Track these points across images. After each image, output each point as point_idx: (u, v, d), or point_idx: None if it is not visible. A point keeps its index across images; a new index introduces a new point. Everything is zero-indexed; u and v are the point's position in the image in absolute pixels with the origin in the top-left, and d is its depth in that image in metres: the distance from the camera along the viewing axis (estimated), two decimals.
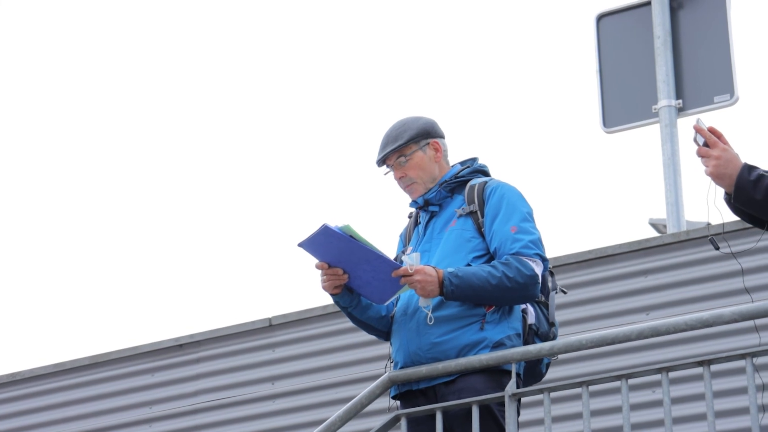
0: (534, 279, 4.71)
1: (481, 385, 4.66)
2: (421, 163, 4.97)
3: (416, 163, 4.97)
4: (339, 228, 4.62)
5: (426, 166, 4.98)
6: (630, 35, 8.84)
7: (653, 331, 4.60)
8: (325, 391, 7.56)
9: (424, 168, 4.97)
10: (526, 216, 4.83)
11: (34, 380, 8.59)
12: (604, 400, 6.28)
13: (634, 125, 8.67)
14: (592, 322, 6.88)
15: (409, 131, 4.97)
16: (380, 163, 5.01)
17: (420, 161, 4.97)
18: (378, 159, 5.00)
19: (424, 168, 4.97)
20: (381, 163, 5.00)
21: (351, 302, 4.87)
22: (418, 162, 4.97)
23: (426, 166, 4.98)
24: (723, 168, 4.14)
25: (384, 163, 5.00)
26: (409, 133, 4.96)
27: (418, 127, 4.98)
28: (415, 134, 4.97)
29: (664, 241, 6.91)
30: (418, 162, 4.97)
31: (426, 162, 4.98)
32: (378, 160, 5.00)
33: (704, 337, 6.46)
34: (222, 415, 7.88)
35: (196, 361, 8.07)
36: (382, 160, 4.99)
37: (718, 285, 6.64)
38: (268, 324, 7.88)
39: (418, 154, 4.98)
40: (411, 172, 4.96)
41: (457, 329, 4.73)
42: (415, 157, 4.97)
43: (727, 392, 6.26)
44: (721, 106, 8.38)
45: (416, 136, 4.97)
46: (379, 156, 4.99)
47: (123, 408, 8.23)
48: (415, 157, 4.97)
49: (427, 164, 4.98)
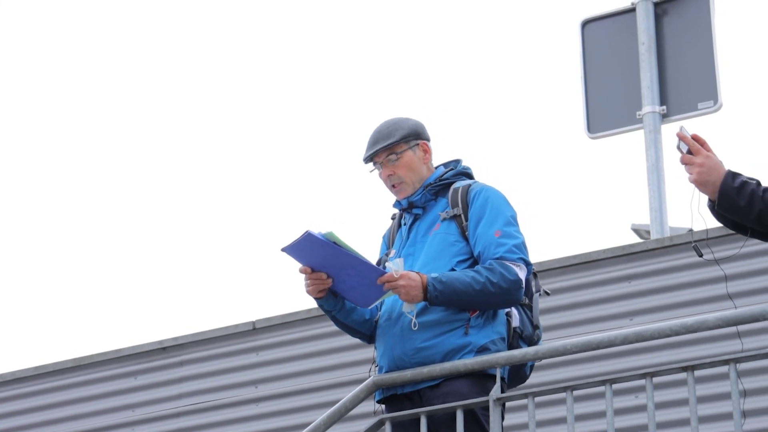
0: (518, 284, 4.71)
1: (466, 390, 4.66)
2: (410, 163, 4.96)
3: (406, 163, 4.95)
4: (322, 234, 4.60)
5: (415, 166, 4.96)
6: (614, 41, 8.85)
7: (638, 336, 4.62)
8: (310, 394, 7.56)
9: (413, 168, 4.96)
10: (510, 220, 4.83)
11: (16, 383, 8.56)
12: (589, 405, 6.28)
13: (618, 131, 8.68)
14: (576, 327, 6.89)
15: (401, 130, 4.95)
16: (368, 160, 4.97)
17: (410, 161, 4.96)
18: (366, 156, 4.96)
19: (413, 168, 4.96)
20: (369, 160, 4.98)
21: (335, 306, 4.86)
22: (408, 161, 4.96)
23: (415, 167, 4.96)
24: (706, 175, 4.16)
25: (372, 161, 4.98)
26: (400, 132, 4.95)
27: (409, 127, 4.97)
28: (407, 134, 4.96)
29: (648, 246, 6.92)
30: (408, 161, 4.96)
31: (415, 162, 4.97)
32: (366, 157, 4.96)
33: (688, 342, 6.48)
34: (206, 419, 7.86)
35: (179, 364, 8.05)
36: (370, 158, 4.97)
37: (701, 291, 6.65)
38: (252, 327, 7.87)
39: (408, 153, 4.96)
40: (400, 171, 4.94)
41: (442, 334, 4.73)
42: (405, 156, 4.95)
43: (710, 397, 6.27)
44: (705, 113, 8.40)
45: (407, 136, 4.96)
46: (367, 152, 4.95)
47: (106, 411, 8.21)
48: (405, 156, 4.95)
49: (416, 164, 4.97)
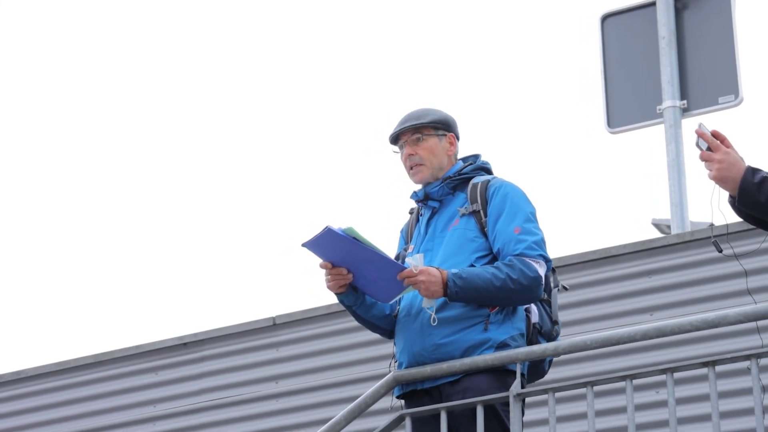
0: (537, 280, 4.70)
1: (485, 385, 4.66)
2: (434, 148, 4.95)
3: (430, 146, 4.94)
4: (342, 230, 4.61)
5: (438, 152, 4.95)
6: (634, 36, 8.83)
7: (658, 331, 4.60)
8: (329, 390, 7.56)
9: (435, 153, 4.94)
10: (530, 216, 4.82)
11: (38, 378, 8.59)
12: (609, 401, 6.27)
13: (639, 126, 8.66)
14: (596, 322, 6.87)
15: (432, 115, 4.95)
16: (393, 139, 4.97)
17: (434, 146, 4.95)
18: (392, 133, 4.95)
19: (435, 153, 4.94)
20: (394, 140, 4.97)
21: (355, 301, 4.86)
22: (432, 145, 4.94)
23: (438, 153, 4.95)
24: (726, 171, 4.14)
25: (397, 141, 4.98)
26: (431, 116, 4.95)
27: (441, 116, 4.97)
28: (437, 119, 4.95)
29: (669, 241, 6.90)
30: (432, 145, 4.94)
31: (439, 149, 4.96)
32: (392, 135, 4.96)
33: (709, 338, 6.46)
34: (225, 414, 7.88)
35: (199, 359, 8.07)
36: (395, 137, 4.96)
37: (722, 286, 6.63)
38: (272, 323, 7.88)
39: (434, 139, 4.95)
40: (422, 152, 4.92)
41: (461, 330, 4.72)
42: (430, 140, 4.94)
43: (731, 393, 6.25)
44: (726, 107, 8.37)
45: (437, 122, 4.95)
46: (395, 129, 4.95)
47: (126, 406, 8.23)
48: (430, 140, 4.94)
49: (439, 152, 4.95)
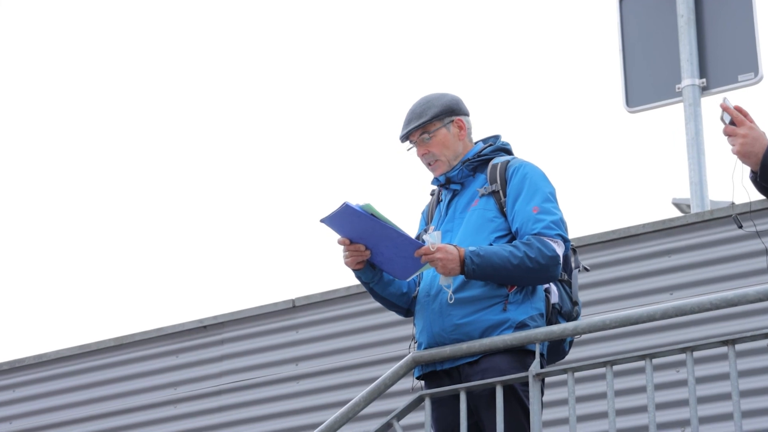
0: (555, 260, 4.69)
1: (505, 365, 4.66)
2: (444, 141, 4.96)
3: (440, 141, 4.95)
4: (360, 207, 4.61)
5: (449, 143, 4.97)
6: (653, 14, 8.79)
7: (677, 310, 4.59)
8: (349, 372, 7.57)
9: (447, 146, 4.96)
10: (549, 196, 4.81)
11: (60, 362, 8.63)
12: (629, 380, 6.27)
13: (658, 105, 8.64)
14: (616, 302, 6.86)
15: (434, 108, 4.95)
16: (404, 139, 5.00)
17: (444, 139, 4.96)
18: (401, 135, 4.98)
19: (447, 146, 4.96)
20: (404, 139, 4.99)
21: (373, 278, 4.87)
22: (442, 139, 4.96)
23: (449, 144, 4.97)
24: (750, 146, 4.12)
25: (407, 139, 4.99)
26: (433, 110, 4.95)
27: (442, 104, 4.97)
28: (440, 111, 4.96)
29: (688, 220, 6.88)
30: (442, 139, 4.96)
31: (450, 140, 4.97)
32: (401, 136, 4.99)
33: (729, 316, 6.44)
34: (246, 396, 7.90)
35: (220, 342, 8.09)
36: (405, 136, 4.98)
37: (742, 264, 6.61)
38: (292, 305, 7.89)
39: (441, 131, 4.96)
40: (434, 149, 4.95)
41: (480, 310, 4.72)
42: (438, 135, 4.96)
43: (752, 371, 6.24)
44: (746, 85, 8.34)
45: (440, 114, 4.96)
46: (402, 132, 4.98)
47: (148, 389, 8.26)
48: (438, 135, 4.96)
49: (450, 142, 4.97)
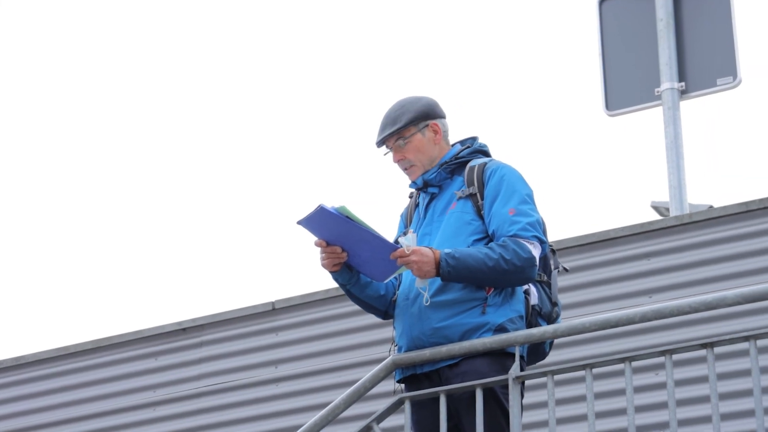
0: (531, 261, 4.69)
1: (485, 368, 4.66)
2: (419, 146, 4.96)
3: (415, 146, 4.95)
4: (335, 209, 4.62)
5: (425, 148, 4.97)
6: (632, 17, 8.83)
7: (657, 313, 4.60)
8: (329, 374, 7.57)
9: (422, 150, 4.96)
10: (525, 198, 4.81)
11: (38, 364, 8.60)
12: (608, 383, 6.27)
13: (637, 108, 8.67)
14: (595, 305, 6.87)
15: (408, 114, 4.95)
16: (379, 144, 5.00)
17: (419, 144, 4.96)
18: (377, 141, 4.99)
19: (422, 150, 4.96)
20: (380, 144, 5.00)
21: (350, 280, 4.86)
22: (417, 145, 4.96)
23: (425, 149, 4.97)
24: None
25: (383, 145, 5.00)
26: (407, 116, 4.95)
27: (416, 110, 4.97)
28: (414, 117, 4.95)
29: (667, 224, 6.90)
30: (417, 145, 4.96)
31: (425, 144, 4.97)
32: (377, 142, 4.99)
33: (708, 319, 6.46)
34: (225, 399, 7.88)
35: (199, 345, 8.07)
36: (381, 142, 4.99)
37: (721, 268, 6.63)
38: (271, 308, 7.88)
39: (417, 136, 4.96)
40: (410, 154, 4.95)
41: (459, 314, 4.72)
42: (413, 140, 4.95)
43: (730, 374, 6.26)
44: (724, 89, 8.39)
45: (415, 119, 4.95)
46: (378, 138, 4.98)
47: (126, 392, 8.24)
48: (413, 140, 4.95)
49: (426, 147, 4.97)
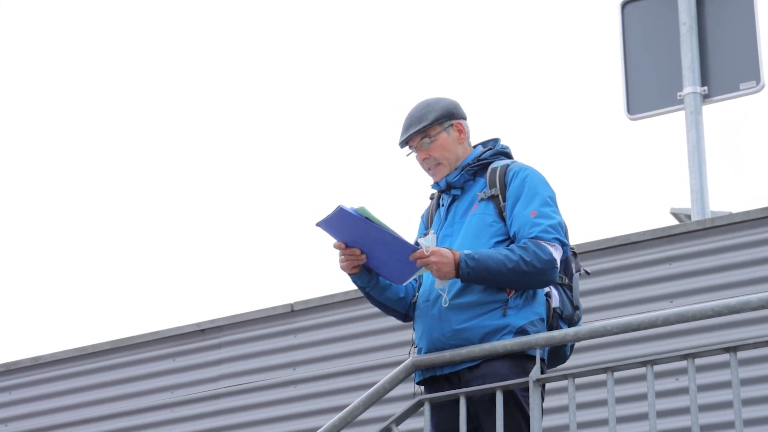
0: (551, 263, 4.66)
1: (505, 371, 4.63)
2: (445, 144, 4.93)
3: (441, 144, 4.93)
4: (354, 210, 4.60)
5: (450, 147, 4.94)
6: (655, 21, 8.79)
7: (679, 317, 4.56)
8: (347, 376, 7.55)
9: (448, 149, 4.93)
10: (547, 200, 4.79)
11: (56, 364, 8.61)
12: (629, 387, 6.24)
13: (659, 112, 8.64)
14: (616, 309, 6.84)
15: (434, 112, 4.93)
16: (403, 144, 4.97)
17: (444, 142, 4.94)
18: (401, 140, 4.96)
19: (448, 149, 4.93)
20: (404, 144, 4.97)
21: (369, 282, 4.84)
22: (443, 143, 4.93)
23: (450, 147, 4.94)
24: None
25: (407, 144, 4.97)
26: (433, 114, 4.92)
27: (442, 108, 4.94)
28: (440, 115, 4.93)
29: (689, 228, 6.86)
30: (443, 143, 4.93)
31: (450, 143, 4.94)
32: (401, 142, 4.96)
33: (730, 324, 6.42)
34: (243, 401, 7.88)
35: (217, 346, 8.06)
36: (405, 142, 4.96)
37: (743, 273, 6.59)
38: (290, 309, 7.87)
39: (442, 135, 4.94)
40: (436, 153, 4.92)
41: (479, 315, 4.69)
42: (439, 139, 4.93)
43: (753, 380, 6.22)
44: (747, 93, 8.35)
45: (440, 117, 4.93)
46: (402, 137, 4.95)
47: (145, 393, 8.24)
48: (439, 139, 4.93)
49: (451, 145, 4.94)
